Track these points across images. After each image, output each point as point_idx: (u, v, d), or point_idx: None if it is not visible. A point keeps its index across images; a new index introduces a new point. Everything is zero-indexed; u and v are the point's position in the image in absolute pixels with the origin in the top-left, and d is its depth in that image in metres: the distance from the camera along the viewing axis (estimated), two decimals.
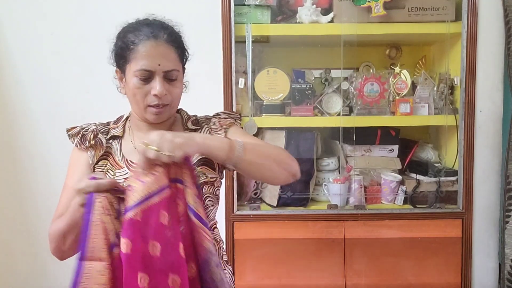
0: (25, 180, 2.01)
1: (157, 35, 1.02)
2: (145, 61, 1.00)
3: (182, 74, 1.09)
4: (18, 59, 1.95)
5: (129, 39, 1.03)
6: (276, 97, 1.86)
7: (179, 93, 1.08)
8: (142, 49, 1.01)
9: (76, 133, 1.14)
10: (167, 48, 1.03)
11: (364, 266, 1.85)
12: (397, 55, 2.13)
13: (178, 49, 1.06)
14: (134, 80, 1.02)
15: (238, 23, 1.79)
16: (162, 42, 1.02)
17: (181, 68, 1.08)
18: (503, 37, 1.81)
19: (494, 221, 1.89)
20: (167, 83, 1.03)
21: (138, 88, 1.02)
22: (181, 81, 1.09)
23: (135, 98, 1.04)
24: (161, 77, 1.02)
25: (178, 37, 1.08)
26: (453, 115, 1.87)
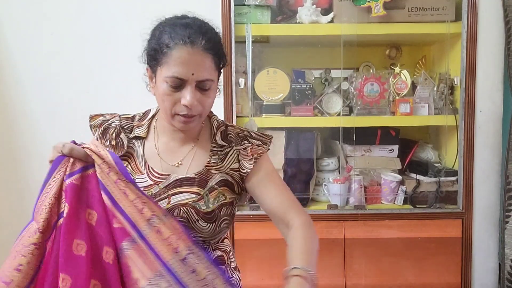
0: (24, 180, 2.00)
1: (194, 41, 0.93)
2: (178, 69, 0.92)
3: (216, 83, 1.01)
4: (18, 59, 1.95)
5: (163, 41, 0.94)
6: (276, 97, 1.86)
7: (210, 103, 1.01)
8: (176, 55, 0.92)
9: (98, 124, 1.08)
10: (204, 56, 0.94)
11: (364, 266, 1.85)
12: (397, 55, 2.13)
13: (215, 57, 0.97)
14: (164, 86, 0.94)
15: (238, 23, 1.79)
16: (198, 50, 0.93)
17: (216, 77, 1.00)
18: (503, 37, 1.81)
19: (494, 221, 1.89)
20: (199, 93, 0.96)
21: (167, 95, 0.95)
22: (215, 90, 1.01)
23: (163, 104, 0.97)
24: (193, 86, 0.94)
25: (217, 43, 0.99)
26: (453, 115, 1.87)
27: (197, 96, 0.95)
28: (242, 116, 1.85)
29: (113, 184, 0.85)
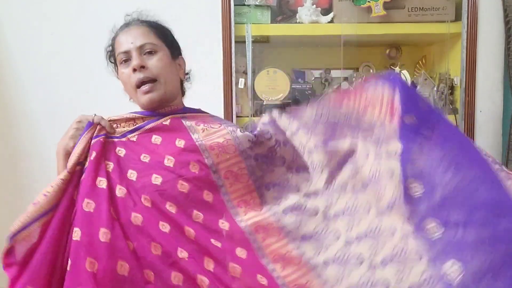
0: (24, 180, 2.00)
1: (129, 23, 1.11)
2: (121, 46, 1.07)
3: (166, 51, 1.10)
4: (18, 59, 1.95)
5: (110, 39, 1.14)
6: (276, 97, 1.86)
7: (162, 65, 1.07)
8: (118, 39, 1.09)
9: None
10: (139, 27, 1.08)
11: None
12: (397, 55, 2.13)
13: (153, 28, 1.10)
14: (120, 67, 1.08)
15: (238, 23, 1.79)
16: (134, 26, 1.09)
17: (160, 43, 1.09)
18: (503, 37, 1.81)
19: None
20: (146, 58, 1.06)
21: (122, 74, 1.07)
22: (165, 56, 1.09)
23: (126, 87, 1.09)
24: (137, 53, 1.05)
25: (153, 22, 1.13)
26: (453, 115, 1.87)
27: (144, 60, 1.05)
28: (242, 116, 1.85)
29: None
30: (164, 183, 0.97)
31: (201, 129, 1.06)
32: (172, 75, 1.10)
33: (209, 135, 1.05)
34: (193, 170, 0.99)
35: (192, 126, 1.07)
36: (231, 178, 1.02)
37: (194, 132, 1.06)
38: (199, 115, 1.15)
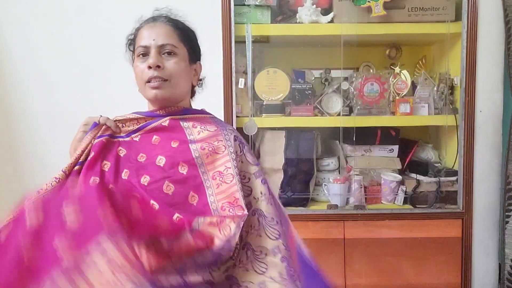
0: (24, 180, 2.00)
1: (156, 18, 1.10)
2: (142, 39, 1.06)
3: (185, 54, 1.10)
4: (18, 59, 1.95)
5: (134, 29, 1.12)
6: (276, 97, 1.86)
7: (177, 70, 1.06)
8: (142, 32, 1.08)
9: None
10: (164, 26, 1.08)
11: (364, 266, 1.85)
12: (397, 55, 2.13)
13: (178, 29, 1.09)
14: (136, 60, 1.08)
15: (238, 23, 1.79)
16: (159, 23, 1.08)
17: (182, 47, 1.09)
18: (503, 37, 1.81)
19: (494, 221, 1.89)
20: (163, 58, 1.06)
21: (137, 67, 1.07)
22: (183, 60, 1.09)
23: (137, 79, 1.08)
24: (156, 51, 1.05)
25: (181, 23, 1.12)
26: (453, 115, 1.87)
27: (160, 60, 1.05)
28: (242, 116, 1.85)
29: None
30: (150, 184, 0.98)
31: (197, 131, 1.07)
32: (184, 80, 1.10)
33: (203, 137, 1.06)
34: (182, 171, 1.00)
35: (189, 127, 1.08)
36: (218, 179, 1.01)
37: (191, 133, 1.07)
38: (200, 116, 1.14)
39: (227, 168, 1.02)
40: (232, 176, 1.01)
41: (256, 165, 1.08)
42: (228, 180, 1.01)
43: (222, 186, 1.00)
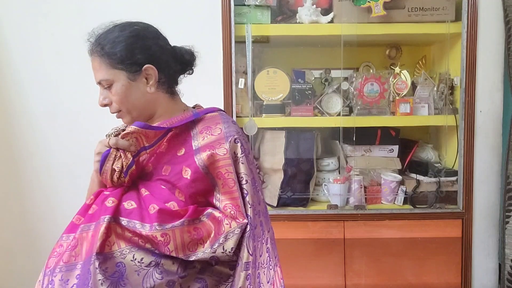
0: (25, 180, 2.01)
1: (90, 50, 1.10)
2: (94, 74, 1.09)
3: (121, 74, 1.05)
4: (18, 59, 1.95)
5: None
6: (276, 97, 1.86)
7: (121, 98, 1.06)
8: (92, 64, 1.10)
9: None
10: (94, 59, 1.08)
11: (364, 266, 1.85)
12: (397, 55, 2.13)
13: (104, 57, 1.06)
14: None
15: (238, 23, 1.79)
16: (93, 57, 1.09)
17: (113, 72, 1.05)
18: (503, 37, 1.81)
19: (494, 221, 1.89)
20: (107, 92, 1.07)
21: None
22: (121, 84, 1.05)
23: None
24: (102, 88, 1.08)
25: (106, 43, 1.07)
26: (453, 115, 1.87)
27: (106, 95, 1.08)
28: (242, 116, 1.85)
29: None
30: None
31: (202, 137, 1.07)
32: (134, 100, 1.07)
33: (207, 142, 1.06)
34: (185, 176, 1.02)
35: (197, 133, 1.08)
36: (222, 179, 1.03)
37: (195, 139, 1.07)
38: (209, 118, 1.13)
39: (228, 173, 1.02)
40: (233, 181, 1.02)
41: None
42: (230, 185, 1.02)
43: (225, 187, 1.03)
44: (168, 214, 0.97)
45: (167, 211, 0.97)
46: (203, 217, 1.00)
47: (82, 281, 0.92)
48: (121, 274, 0.92)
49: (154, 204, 0.98)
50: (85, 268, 0.93)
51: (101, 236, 0.93)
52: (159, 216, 0.95)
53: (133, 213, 0.97)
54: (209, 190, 1.03)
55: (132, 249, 0.95)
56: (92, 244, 0.94)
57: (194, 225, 0.98)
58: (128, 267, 0.93)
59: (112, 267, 0.92)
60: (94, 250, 0.92)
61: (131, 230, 0.96)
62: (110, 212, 0.96)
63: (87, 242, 0.97)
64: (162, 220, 0.95)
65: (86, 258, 0.94)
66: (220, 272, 1.01)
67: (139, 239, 0.95)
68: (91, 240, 0.96)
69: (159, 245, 0.95)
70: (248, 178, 1.04)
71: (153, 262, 0.95)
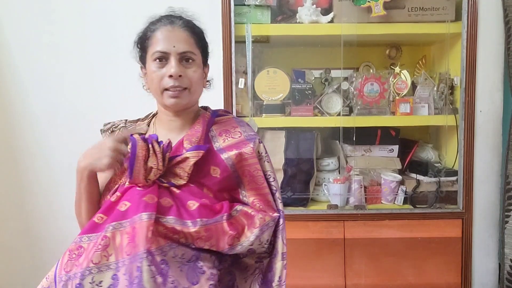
0: (25, 180, 2.01)
1: (173, 21, 1.06)
2: (161, 44, 1.03)
3: (200, 59, 1.09)
4: (18, 59, 1.95)
5: (148, 28, 1.07)
6: (276, 97, 1.86)
7: (196, 78, 1.06)
8: (159, 34, 1.04)
9: (107, 129, 1.15)
10: (183, 32, 1.05)
11: (364, 266, 1.85)
12: (397, 55, 2.13)
13: (195, 35, 1.07)
14: (152, 65, 1.04)
15: (238, 23, 1.79)
16: (177, 27, 1.05)
17: (198, 52, 1.08)
18: (503, 37, 1.81)
19: (494, 221, 1.89)
20: (183, 66, 1.04)
21: (154, 72, 1.03)
22: (199, 66, 1.08)
23: (153, 84, 1.05)
24: (176, 59, 1.03)
25: (196, 26, 1.10)
26: (453, 115, 1.87)
27: (181, 69, 1.03)
28: (242, 116, 1.85)
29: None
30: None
31: (222, 139, 1.10)
32: (199, 86, 1.10)
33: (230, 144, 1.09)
34: (214, 175, 1.04)
35: (215, 136, 1.10)
36: (248, 177, 1.06)
37: (216, 141, 1.09)
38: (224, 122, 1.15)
39: (257, 170, 1.07)
40: (262, 178, 1.07)
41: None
42: (259, 182, 1.07)
43: (251, 184, 1.06)
44: (209, 210, 0.98)
45: (207, 207, 0.98)
46: (233, 212, 1.02)
47: (129, 281, 0.90)
48: (166, 271, 0.92)
49: (193, 200, 0.98)
50: (131, 266, 0.90)
51: (147, 233, 0.91)
52: (201, 211, 0.97)
53: (171, 210, 0.97)
54: (234, 187, 1.07)
55: (172, 246, 0.95)
56: (134, 242, 0.92)
57: (230, 220, 1.00)
58: (171, 263, 0.93)
59: (157, 264, 0.92)
60: (141, 247, 0.90)
61: (170, 227, 0.95)
62: (153, 209, 0.94)
63: (125, 239, 0.94)
64: (205, 216, 0.97)
65: (131, 255, 0.91)
66: (247, 265, 1.05)
67: (177, 236, 0.96)
68: (130, 237, 0.93)
69: (200, 240, 0.96)
70: (275, 176, 1.09)
71: (193, 257, 0.96)
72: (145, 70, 1.08)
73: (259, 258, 1.06)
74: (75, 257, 0.95)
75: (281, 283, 1.04)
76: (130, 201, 0.97)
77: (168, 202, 0.97)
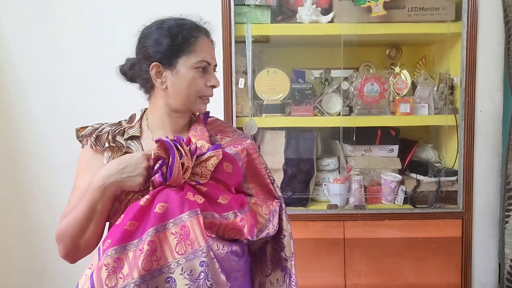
0: (25, 180, 2.00)
1: (208, 32, 1.14)
2: (206, 54, 1.09)
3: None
4: (18, 59, 1.95)
5: (190, 33, 1.09)
6: (276, 97, 1.86)
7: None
8: (202, 43, 1.09)
9: (89, 133, 1.09)
10: (213, 45, 1.15)
11: (364, 266, 1.85)
12: (397, 55, 2.13)
13: (213, 44, 1.17)
14: (193, 72, 1.07)
15: (238, 23, 1.79)
16: (211, 39, 1.15)
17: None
18: (503, 37, 1.81)
19: (494, 221, 1.89)
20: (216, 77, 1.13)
21: (196, 80, 1.08)
22: None
23: (189, 90, 1.07)
24: (213, 70, 1.13)
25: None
26: (453, 115, 1.87)
27: None
28: (242, 116, 1.85)
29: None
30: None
31: (220, 138, 1.17)
32: None
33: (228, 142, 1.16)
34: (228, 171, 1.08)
35: (213, 135, 1.16)
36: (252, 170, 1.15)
37: (215, 141, 1.15)
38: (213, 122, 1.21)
39: (260, 163, 1.16)
40: (264, 169, 1.17)
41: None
42: (261, 174, 1.16)
43: (254, 177, 1.15)
44: (238, 202, 1.05)
45: (236, 199, 1.05)
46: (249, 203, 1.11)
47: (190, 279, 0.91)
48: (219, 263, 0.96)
49: (224, 195, 1.03)
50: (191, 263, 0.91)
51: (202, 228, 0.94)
52: (232, 204, 1.03)
53: (205, 206, 0.99)
54: (241, 180, 1.12)
55: (212, 239, 0.98)
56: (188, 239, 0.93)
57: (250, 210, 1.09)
58: (217, 256, 0.97)
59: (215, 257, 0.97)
60: (201, 242, 0.93)
61: (209, 221, 0.98)
62: (197, 205, 0.96)
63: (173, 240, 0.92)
64: (237, 207, 1.03)
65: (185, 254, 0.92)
66: (255, 251, 1.17)
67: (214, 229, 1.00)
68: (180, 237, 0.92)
69: (235, 230, 1.02)
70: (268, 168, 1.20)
71: (229, 248, 1.01)
72: (168, 70, 1.06)
73: (265, 241, 1.16)
74: (117, 271, 0.90)
75: (292, 258, 1.17)
76: (167, 202, 0.94)
77: (200, 199, 0.99)
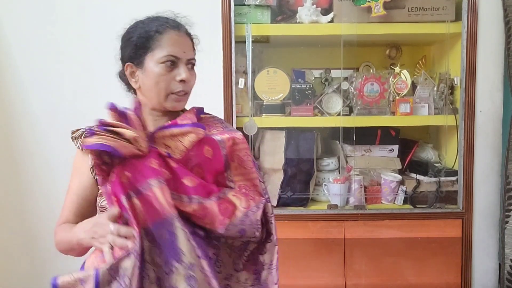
0: (25, 180, 2.00)
1: (179, 26, 1.08)
2: (172, 48, 1.03)
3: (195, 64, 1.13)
4: (18, 59, 1.95)
5: (151, 29, 1.05)
6: (276, 97, 1.86)
7: (193, 83, 1.10)
8: (168, 37, 1.04)
9: (79, 135, 1.10)
10: (187, 38, 1.08)
11: (364, 266, 1.85)
12: (397, 55, 2.13)
13: (192, 42, 1.11)
14: (159, 67, 1.03)
15: (238, 23, 1.79)
16: (183, 33, 1.08)
17: (195, 58, 1.12)
18: (503, 37, 1.81)
19: (494, 221, 1.89)
20: (188, 72, 1.06)
21: (163, 75, 1.04)
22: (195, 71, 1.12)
23: (157, 87, 1.04)
24: (184, 65, 1.05)
25: (191, 33, 1.13)
26: (453, 115, 1.87)
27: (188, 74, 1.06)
28: (242, 116, 1.85)
29: None
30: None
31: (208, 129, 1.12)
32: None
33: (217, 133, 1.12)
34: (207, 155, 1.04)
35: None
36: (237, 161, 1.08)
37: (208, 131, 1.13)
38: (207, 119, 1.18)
39: (247, 155, 1.10)
40: (252, 163, 1.10)
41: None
42: (248, 167, 1.09)
43: (240, 169, 1.08)
44: (205, 189, 0.99)
45: (205, 186, 0.99)
46: (221, 194, 1.02)
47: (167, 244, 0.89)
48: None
49: (190, 177, 0.98)
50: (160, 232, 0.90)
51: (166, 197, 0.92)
52: (198, 189, 0.97)
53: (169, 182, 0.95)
54: (222, 170, 1.07)
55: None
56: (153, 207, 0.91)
57: (220, 201, 1.00)
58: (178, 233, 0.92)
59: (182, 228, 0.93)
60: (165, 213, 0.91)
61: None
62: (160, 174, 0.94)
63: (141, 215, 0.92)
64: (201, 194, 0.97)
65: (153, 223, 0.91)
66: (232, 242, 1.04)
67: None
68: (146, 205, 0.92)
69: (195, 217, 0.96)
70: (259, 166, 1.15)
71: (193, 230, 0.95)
72: (138, 69, 1.07)
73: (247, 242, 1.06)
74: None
75: (272, 266, 1.05)
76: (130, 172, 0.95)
77: (168, 174, 0.96)
